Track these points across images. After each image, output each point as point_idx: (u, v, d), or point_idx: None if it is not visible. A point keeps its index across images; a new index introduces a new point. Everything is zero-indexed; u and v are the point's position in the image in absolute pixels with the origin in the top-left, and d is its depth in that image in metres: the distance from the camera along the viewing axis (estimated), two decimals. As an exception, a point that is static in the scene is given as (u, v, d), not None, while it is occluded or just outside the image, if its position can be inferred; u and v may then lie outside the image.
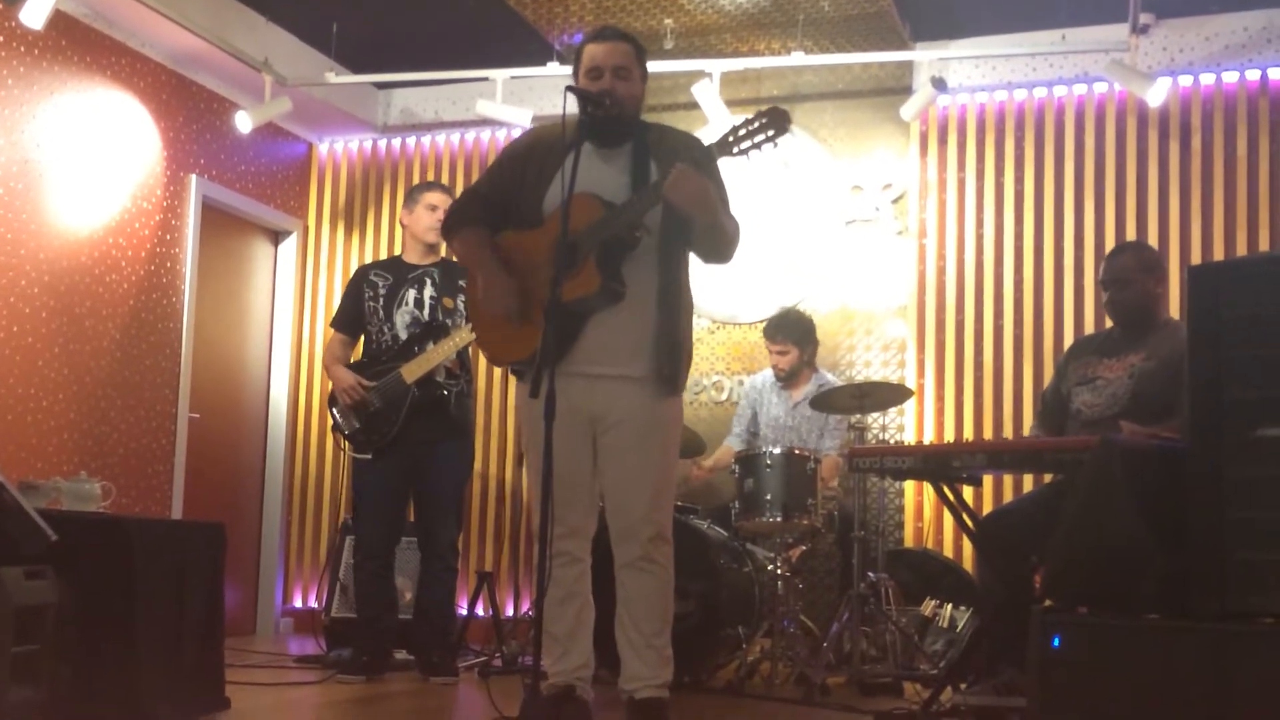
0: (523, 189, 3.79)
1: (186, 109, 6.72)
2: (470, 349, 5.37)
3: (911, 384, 6.42)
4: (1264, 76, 6.18)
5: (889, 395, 5.58)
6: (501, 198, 3.86)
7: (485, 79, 6.81)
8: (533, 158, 3.81)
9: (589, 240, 3.59)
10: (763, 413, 6.05)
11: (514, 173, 3.85)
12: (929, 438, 6.44)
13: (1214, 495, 2.90)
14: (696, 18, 6.35)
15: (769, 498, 5.12)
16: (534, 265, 3.69)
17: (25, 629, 3.30)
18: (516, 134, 7.09)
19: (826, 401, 5.49)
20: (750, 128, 3.57)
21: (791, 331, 5.96)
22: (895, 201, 6.70)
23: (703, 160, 3.60)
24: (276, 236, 7.62)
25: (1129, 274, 4.42)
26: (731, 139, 3.59)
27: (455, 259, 5.13)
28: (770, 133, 3.55)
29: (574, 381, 3.61)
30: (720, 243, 3.72)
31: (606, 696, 3.93)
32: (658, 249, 3.69)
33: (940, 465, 4.04)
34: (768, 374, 6.09)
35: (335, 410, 5.38)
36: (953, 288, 6.56)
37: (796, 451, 5.21)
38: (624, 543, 3.71)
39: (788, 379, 5.98)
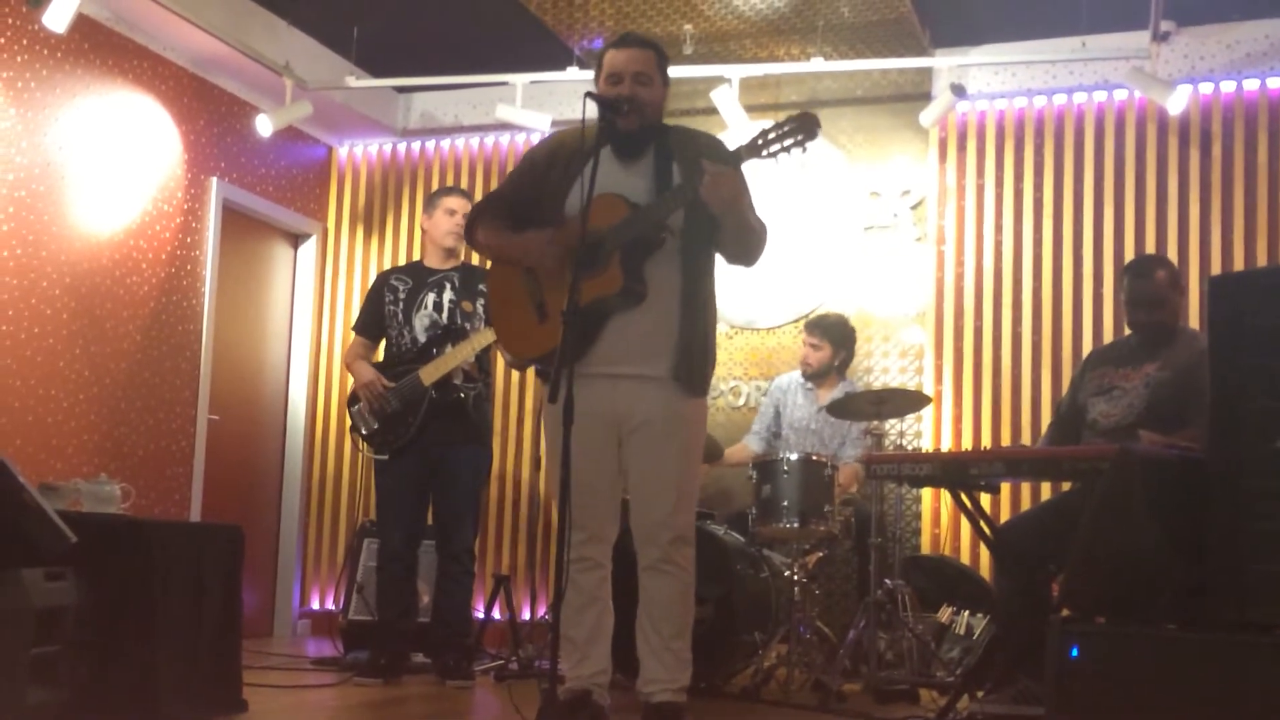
0: (544, 192, 3.80)
1: (207, 112, 6.76)
2: (489, 353, 5.39)
3: (929, 390, 6.41)
4: (1286, 84, 6.16)
5: (907, 402, 5.56)
6: (523, 201, 3.87)
7: (505, 83, 6.83)
8: (555, 161, 3.82)
9: (614, 239, 3.60)
10: (786, 413, 6.05)
11: (536, 176, 3.86)
12: (946, 444, 6.43)
13: (1233, 505, 2.89)
14: (716, 23, 6.35)
15: (786, 504, 5.10)
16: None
17: (45, 630, 3.32)
18: (536, 139, 7.14)
19: (844, 408, 5.48)
20: (780, 131, 3.57)
21: (832, 330, 5.97)
22: (914, 208, 6.69)
23: (729, 163, 3.60)
24: (296, 239, 7.65)
25: (1164, 293, 4.40)
26: (761, 142, 3.59)
27: (477, 259, 5.14)
28: (800, 137, 3.56)
29: (595, 383, 3.61)
30: (750, 243, 3.74)
31: (622, 701, 3.93)
32: (680, 251, 3.70)
33: (958, 472, 4.02)
34: (795, 374, 6.09)
35: (354, 410, 5.40)
36: (971, 294, 6.55)
37: (814, 457, 5.19)
38: (645, 545, 3.72)
39: (815, 379, 5.97)
